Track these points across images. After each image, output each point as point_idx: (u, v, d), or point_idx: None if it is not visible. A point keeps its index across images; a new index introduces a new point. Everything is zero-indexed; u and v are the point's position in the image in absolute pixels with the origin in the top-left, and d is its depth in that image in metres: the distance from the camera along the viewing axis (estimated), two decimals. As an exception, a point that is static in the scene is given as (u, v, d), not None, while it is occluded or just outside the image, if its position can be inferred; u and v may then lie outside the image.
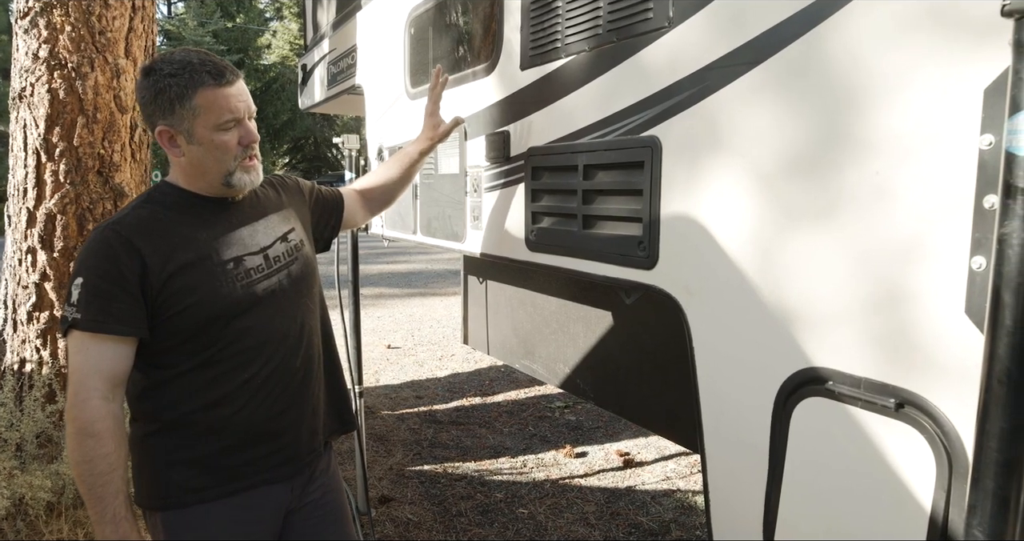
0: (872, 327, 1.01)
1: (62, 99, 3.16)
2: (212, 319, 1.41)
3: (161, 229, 1.41)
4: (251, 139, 1.44)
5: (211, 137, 1.39)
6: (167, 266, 1.37)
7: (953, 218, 0.90)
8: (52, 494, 2.79)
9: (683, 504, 3.42)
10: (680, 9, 1.32)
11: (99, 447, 1.31)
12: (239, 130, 1.41)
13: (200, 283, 1.40)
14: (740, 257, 1.22)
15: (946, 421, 0.91)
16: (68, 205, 3.23)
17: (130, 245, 1.35)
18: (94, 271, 1.34)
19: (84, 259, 1.37)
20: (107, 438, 1.32)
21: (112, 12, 3.22)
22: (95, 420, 1.31)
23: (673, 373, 1.84)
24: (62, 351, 3.30)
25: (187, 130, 1.38)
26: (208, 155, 1.41)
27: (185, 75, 1.35)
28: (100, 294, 1.33)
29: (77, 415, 1.32)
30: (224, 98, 1.38)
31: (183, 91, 1.35)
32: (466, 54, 2.18)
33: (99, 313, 1.32)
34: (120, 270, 1.34)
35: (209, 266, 1.42)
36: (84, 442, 1.31)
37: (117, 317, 1.33)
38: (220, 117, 1.38)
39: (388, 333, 7.11)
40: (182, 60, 1.37)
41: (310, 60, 4.13)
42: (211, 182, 1.45)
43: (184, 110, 1.36)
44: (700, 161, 1.30)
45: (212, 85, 1.36)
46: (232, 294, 1.42)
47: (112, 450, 1.32)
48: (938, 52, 0.91)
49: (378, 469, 3.81)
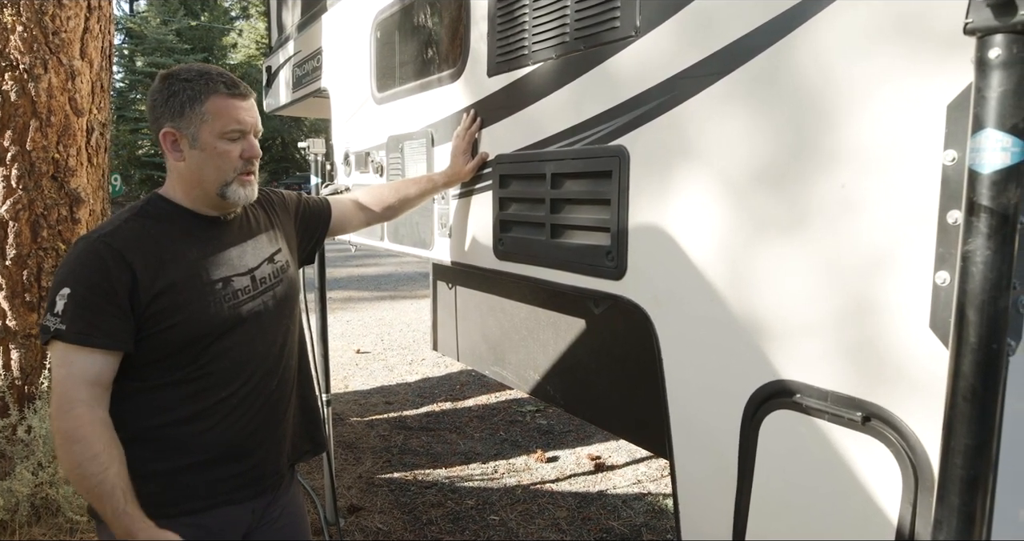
0: (839, 340, 1.01)
1: (13, 101, 3.05)
2: (197, 338, 1.40)
3: (152, 244, 1.39)
4: (253, 154, 1.46)
5: (215, 144, 1.40)
6: (156, 282, 1.36)
7: (918, 232, 0.90)
8: (5, 512, 2.69)
9: (654, 508, 3.43)
10: (647, 18, 1.32)
11: (86, 450, 1.29)
12: (243, 143, 1.44)
13: (188, 302, 1.39)
14: (708, 268, 1.22)
15: (912, 435, 0.92)
16: (21, 211, 3.12)
17: (121, 259, 1.33)
18: (83, 282, 1.32)
19: (72, 269, 1.34)
20: (93, 440, 1.29)
21: (66, 12, 3.12)
22: (79, 426, 1.29)
23: (642, 381, 1.84)
24: (15, 363, 3.19)
25: (192, 134, 1.40)
26: (209, 162, 1.41)
27: (200, 81, 1.39)
28: (88, 306, 1.31)
29: (61, 425, 1.30)
30: (234, 108, 1.41)
31: (196, 95, 1.38)
32: (432, 59, 2.15)
33: (86, 326, 1.30)
34: (110, 283, 1.32)
35: (198, 285, 1.41)
36: (71, 449, 1.29)
37: (105, 331, 1.31)
38: (227, 126, 1.40)
39: (357, 337, 7.03)
40: (200, 69, 1.42)
41: (275, 62, 4.06)
42: (207, 192, 1.44)
43: (193, 114, 1.38)
44: (668, 171, 1.30)
45: (224, 94, 1.40)
46: (219, 314, 1.42)
47: (100, 450, 1.30)
48: (903, 66, 0.91)
49: (347, 478, 3.76)
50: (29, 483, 2.75)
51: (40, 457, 2.88)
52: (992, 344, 0.77)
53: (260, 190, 1.63)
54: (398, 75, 2.38)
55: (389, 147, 2.46)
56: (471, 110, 1.92)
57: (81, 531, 2.85)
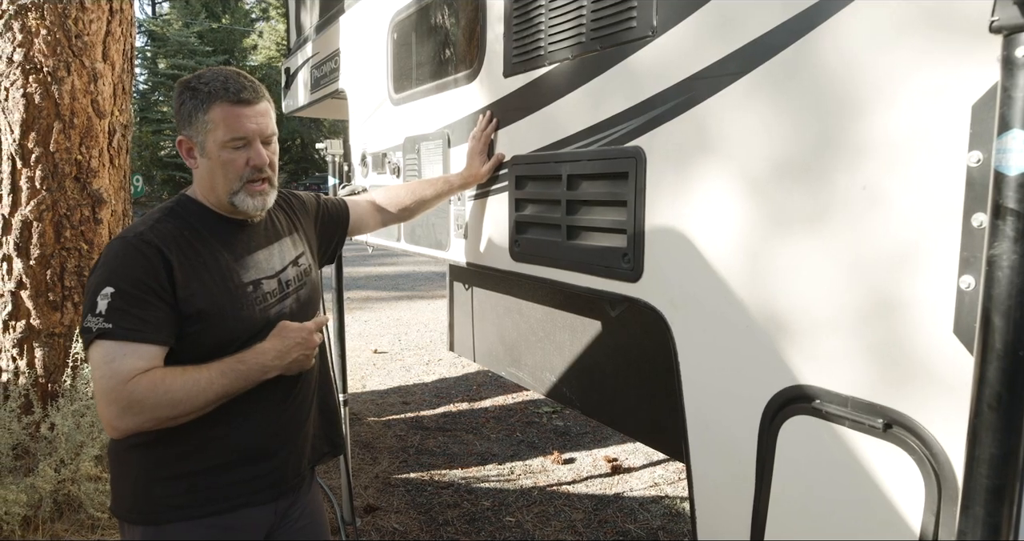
0: (860, 345, 0.99)
1: (38, 104, 3.10)
2: (228, 341, 1.40)
3: (186, 245, 1.40)
4: (258, 162, 1.42)
5: (219, 153, 1.40)
6: (191, 283, 1.36)
7: (941, 236, 0.88)
8: (28, 508, 2.74)
9: (671, 510, 3.41)
10: (664, 18, 1.30)
11: (164, 399, 1.26)
12: (248, 151, 1.41)
13: (222, 304, 1.39)
14: (726, 271, 1.20)
15: (935, 443, 0.89)
16: (45, 212, 3.17)
17: (162, 256, 1.34)
18: (126, 280, 1.31)
19: (112, 268, 1.33)
20: (157, 390, 1.26)
21: (89, 15, 3.16)
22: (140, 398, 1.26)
23: (659, 384, 1.82)
24: (39, 361, 3.24)
25: (200, 143, 1.41)
26: (216, 170, 1.41)
27: (205, 90, 1.38)
28: (134, 303, 1.30)
29: (131, 422, 1.27)
30: (236, 117, 1.39)
31: (200, 105, 1.38)
32: (449, 60, 2.15)
33: (136, 321, 1.29)
34: (155, 278, 1.32)
35: (230, 288, 1.42)
36: (159, 414, 1.27)
37: (155, 326, 1.31)
38: (227, 135, 1.39)
39: (375, 337, 7.06)
40: (211, 76, 1.40)
41: (294, 63, 4.09)
42: (220, 198, 1.45)
43: (199, 123, 1.39)
44: (685, 172, 1.28)
45: (226, 102, 1.38)
46: (250, 317, 1.43)
47: (169, 385, 1.28)
48: (927, 64, 0.89)
49: (364, 477, 3.77)
50: (52, 480, 2.79)
51: (63, 454, 2.92)
52: (1019, 350, 0.75)
53: (280, 193, 1.63)
54: (415, 76, 2.38)
55: (406, 148, 2.46)
56: (487, 111, 1.92)
57: (102, 528, 2.89)
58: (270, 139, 1.45)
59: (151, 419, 1.28)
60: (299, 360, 1.44)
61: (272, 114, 1.47)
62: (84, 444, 2.96)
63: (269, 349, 1.40)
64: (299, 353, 1.43)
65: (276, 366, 1.40)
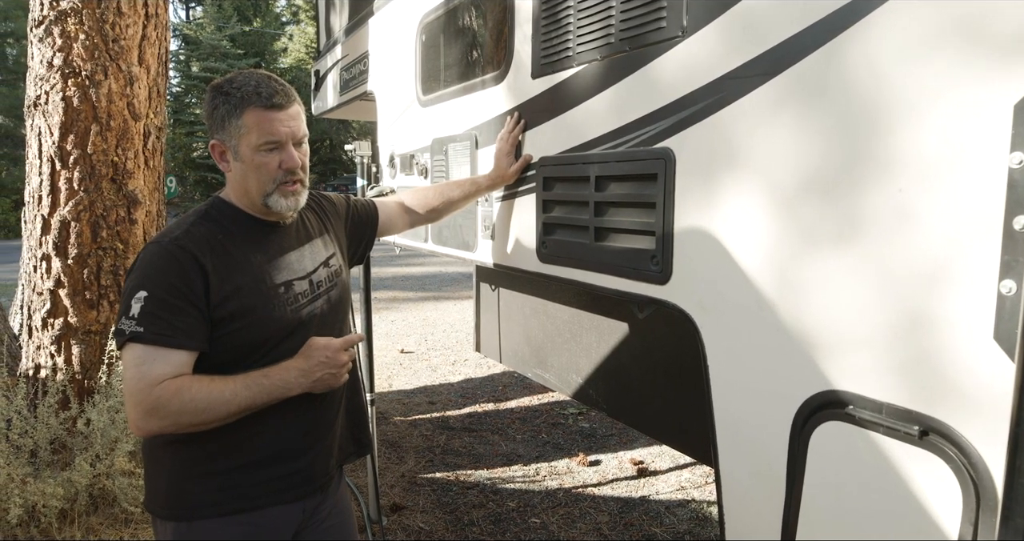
0: (895, 350, 0.97)
1: (76, 107, 3.18)
2: (261, 342, 1.42)
3: (220, 248, 1.42)
4: (291, 164, 1.44)
5: (252, 157, 1.42)
6: (225, 286, 1.38)
7: (981, 239, 0.86)
8: (65, 501, 2.80)
9: (698, 515, 3.37)
10: (694, 18, 1.29)
11: (188, 406, 1.29)
12: (280, 154, 1.43)
13: (255, 305, 1.41)
14: (757, 274, 1.18)
15: (973, 452, 0.87)
16: (82, 212, 3.24)
17: (195, 261, 1.36)
18: (159, 285, 1.34)
19: (146, 273, 1.36)
20: (183, 393, 1.29)
21: (125, 20, 3.23)
22: (165, 403, 1.28)
23: (686, 387, 1.81)
24: (76, 358, 3.32)
25: (234, 147, 1.42)
26: (250, 174, 1.44)
27: (237, 95, 1.40)
28: (167, 308, 1.32)
29: (156, 424, 1.30)
30: (268, 121, 1.41)
31: (233, 109, 1.40)
32: (477, 62, 2.15)
33: (166, 326, 1.32)
34: (187, 284, 1.34)
35: (263, 289, 1.43)
36: (181, 420, 1.30)
37: (185, 331, 1.33)
38: (260, 138, 1.41)
39: (402, 337, 7.11)
40: (243, 80, 1.42)
41: (323, 66, 4.13)
42: (253, 200, 1.47)
43: (232, 127, 1.41)
44: (715, 174, 1.27)
45: (259, 106, 1.40)
46: (283, 318, 1.45)
47: (197, 385, 1.31)
48: (966, 65, 0.87)
49: (390, 476, 3.79)
50: (87, 474, 2.86)
51: (98, 449, 2.98)
52: (1063, 358, 0.73)
53: (311, 194, 1.65)
54: (443, 78, 2.39)
55: (433, 150, 2.47)
56: (515, 112, 1.92)
57: (135, 522, 2.95)
58: (302, 141, 1.48)
59: (173, 424, 1.31)
60: (325, 379, 1.43)
61: (303, 116, 1.48)
62: (118, 440, 3.02)
63: (293, 367, 1.40)
64: (323, 372, 1.42)
65: (300, 384, 1.40)
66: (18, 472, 2.78)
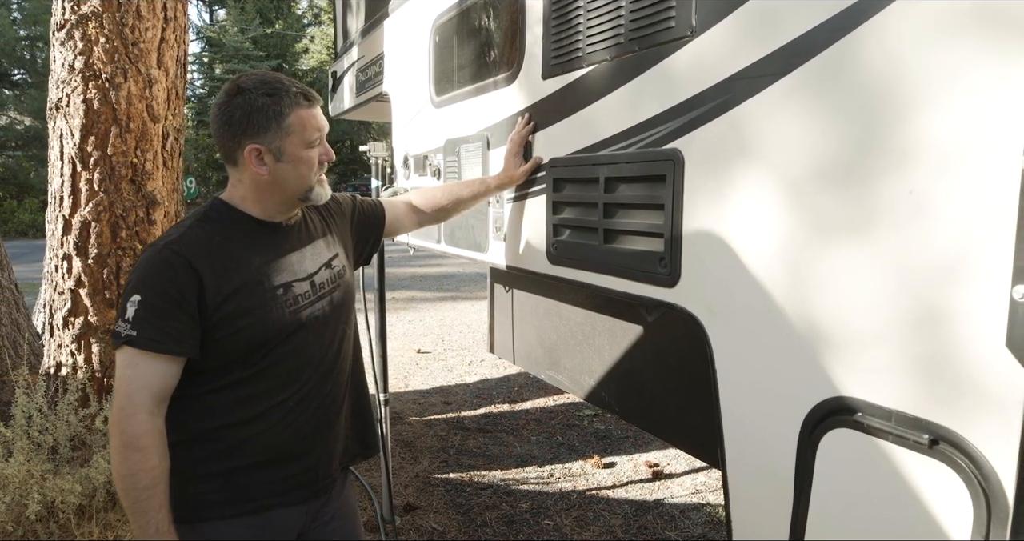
0: (905, 357, 0.94)
1: (96, 109, 3.22)
2: (260, 343, 1.43)
3: (218, 251, 1.43)
4: (329, 157, 1.52)
5: (300, 154, 1.44)
6: (222, 288, 1.39)
7: (995, 242, 0.83)
8: (83, 497, 2.84)
9: (713, 519, 3.34)
10: (703, 17, 1.27)
11: (144, 461, 1.33)
12: (320, 147, 1.49)
13: (252, 308, 1.42)
14: (766, 278, 1.16)
15: (985, 462, 0.85)
16: (102, 213, 3.29)
17: (189, 266, 1.37)
18: (152, 290, 1.36)
19: (141, 277, 1.38)
20: (152, 452, 1.33)
21: (145, 23, 3.27)
22: (141, 434, 1.33)
23: (695, 391, 1.79)
24: (95, 356, 3.37)
25: (277, 148, 1.42)
26: (294, 172, 1.45)
27: (280, 95, 1.41)
28: (158, 313, 1.34)
29: (124, 428, 1.33)
30: (313, 117, 1.45)
31: (280, 110, 1.41)
32: (488, 62, 2.15)
33: (156, 332, 1.33)
34: (179, 290, 1.35)
35: (261, 291, 1.44)
36: (130, 456, 1.32)
37: (175, 338, 1.35)
38: (311, 135, 1.44)
39: (418, 337, 7.13)
40: (273, 81, 1.43)
41: (340, 67, 4.15)
42: (288, 198, 1.49)
43: (279, 128, 1.41)
44: (724, 175, 1.25)
45: (305, 105, 1.44)
46: (281, 319, 1.45)
47: (156, 464, 1.34)
48: (980, 60, 0.85)
49: (404, 476, 3.80)
50: (105, 471, 2.89)
51: (116, 447, 3.02)
52: (1076, 366, 0.70)
53: None
54: (455, 79, 2.39)
55: (446, 150, 2.47)
56: (525, 113, 1.91)
57: (152, 519, 2.98)
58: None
59: (115, 450, 1.34)
60: None
61: None
62: (136, 437, 3.06)
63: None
64: None
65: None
66: (38, 468, 2.82)
